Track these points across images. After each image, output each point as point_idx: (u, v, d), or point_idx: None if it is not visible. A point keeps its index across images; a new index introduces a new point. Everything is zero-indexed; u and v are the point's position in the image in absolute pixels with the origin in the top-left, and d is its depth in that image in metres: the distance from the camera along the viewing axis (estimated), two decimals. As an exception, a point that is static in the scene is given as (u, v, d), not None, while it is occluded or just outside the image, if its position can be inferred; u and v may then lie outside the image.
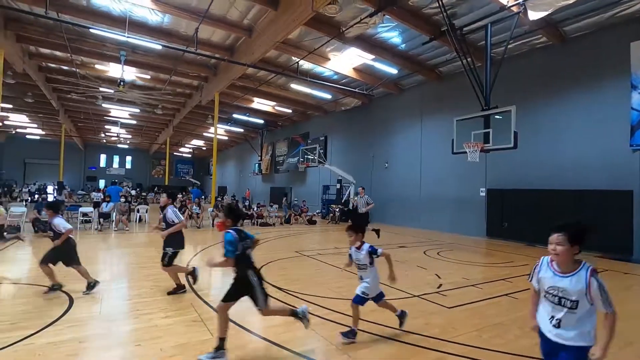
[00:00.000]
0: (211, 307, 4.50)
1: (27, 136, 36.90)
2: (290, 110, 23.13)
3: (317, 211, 20.60)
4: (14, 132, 34.87)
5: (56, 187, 27.23)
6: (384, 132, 17.85)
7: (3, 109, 27.10)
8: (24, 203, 19.96)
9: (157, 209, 8.91)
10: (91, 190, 25.79)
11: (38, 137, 37.24)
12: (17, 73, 16.22)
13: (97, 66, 16.60)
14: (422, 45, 11.96)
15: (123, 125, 31.29)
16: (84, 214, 12.51)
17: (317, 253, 8.93)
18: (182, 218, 5.40)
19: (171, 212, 5.25)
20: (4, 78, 14.11)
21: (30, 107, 23.94)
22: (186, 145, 41.53)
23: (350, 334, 3.56)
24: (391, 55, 13.28)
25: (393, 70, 14.57)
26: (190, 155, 48.04)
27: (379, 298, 3.71)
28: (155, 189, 36.95)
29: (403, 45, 12.86)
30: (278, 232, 13.05)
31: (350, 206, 15.67)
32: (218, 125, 17.38)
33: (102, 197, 13.80)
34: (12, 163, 37.44)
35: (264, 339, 3.64)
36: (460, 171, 13.51)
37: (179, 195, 18.07)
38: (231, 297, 3.21)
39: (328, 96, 19.13)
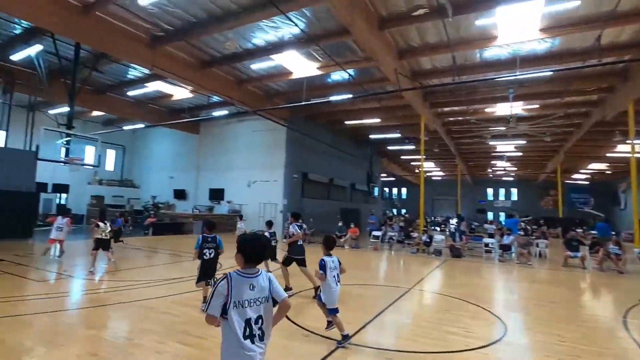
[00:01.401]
0: None
1: (433, 178, 46.81)
2: None
3: None
4: (424, 175, 45.64)
5: (456, 219, 31.97)
6: None
7: (418, 160, 36.46)
8: (438, 229, 24.99)
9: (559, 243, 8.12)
10: (482, 223, 28.12)
11: (440, 178, 46.31)
12: (429, 131, 21.32)
13: (486, 110, 18.41)
14: None
15: (508, 159, 32.10)
16: (486, 245, 13.71)
17: None
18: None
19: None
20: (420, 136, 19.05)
21: (436, 155, 30.35)
22: (581, 171, 35.66)
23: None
24: None
25: None
26: (587, 182, 40.64)
27: None
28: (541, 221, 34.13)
29: None
30: None
31: None
32: (635, 142, 13.55)
33: (495, 229, 14.64)
34: (425, 200, 48.82)
35: None
36: None
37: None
38: None
39: None
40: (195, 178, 24.70)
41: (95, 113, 22.08)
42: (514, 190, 47.61)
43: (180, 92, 18.13)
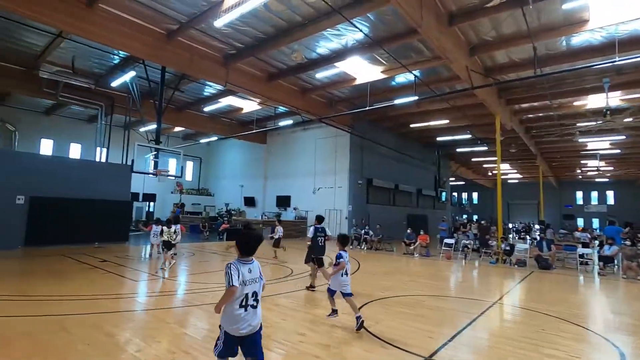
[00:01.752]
0: None
1: (509, 181, 43.00)
2: None
3: None
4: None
5: (539, 226, 28.89)
6: None
7: (491, 162, 33.76)
8: (528, 240, 22.80)
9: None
10: (572, 229, 24.93)
11: (517, 181, 42.35)
12: (505, 131, 19.62)
13: (574, 103, 16.40)
14: None
15: (602, 157, 28.17)
16: (581, 255, 12.07)
17: None
18: None
19: None
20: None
21: (512, 155, 27.81)
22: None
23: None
24: None
25: None
26: None
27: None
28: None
29: None
30: None
31: None
32: None
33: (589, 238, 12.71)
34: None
35: None
36: None
37: None
38: None
39: None
40: (263, 186, 25.86)
41: (177, 129, 24.41)
42: (610, 193, 41.61)
43: (250, 105, 19.22)
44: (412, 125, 21.94)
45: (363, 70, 14.02)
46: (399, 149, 23.87)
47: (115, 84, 15.28)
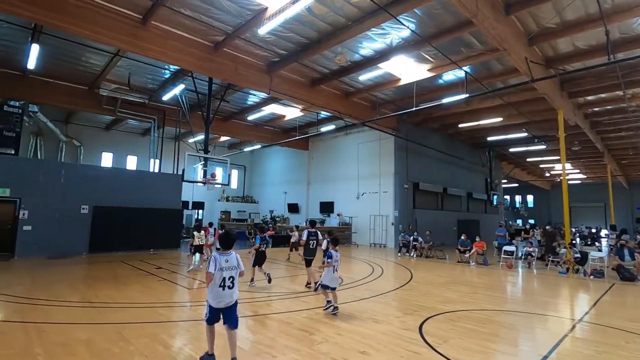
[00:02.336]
0: None
1: (570, 182, 39.43)
2: None
3: None
4: (559, 179, 38.69)
5: (610, 231, 26.02)
6: None
7: (550, 162, 31.14)
8: (603, 247, 20.60)
9: None
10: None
11: (579, 182, 38.71)
12: (567, 127, 17.89)
13: (652, 92, 14.54)
14: None
15: (685, 153, 24.84)
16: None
17: None
18: None
19: None
20: (556, 134, 16.04)
21: (575, 154, 25.39)
22: None
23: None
24: None
25: None
26: None
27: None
28: None
29: None
30: None
31: None
32: None
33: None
34: (559, 208, 41.35)
35: None
36: None
37: None
38: None
39: None
40: (306, 192, 25.83)
41: (222, 138, 25.19)
42: (695, 194, 36.64)
43: (292, 112, 19.29)
44: (460, 125, 20.77)
45: (408, 70, 13.45)
46: (446, 150, 22.71)
47: (166, 97, 16.02)
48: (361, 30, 10.28)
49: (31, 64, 12.09)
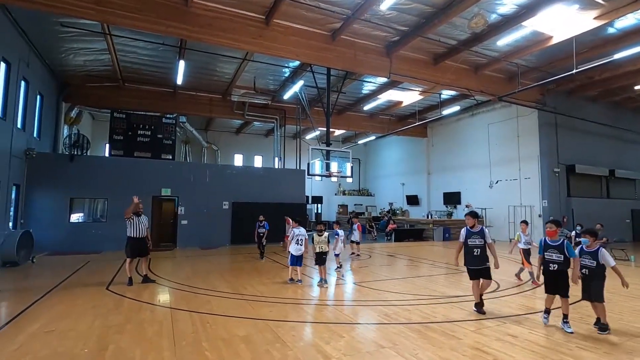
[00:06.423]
0: None
1: None
2: None
3: None
4: None
5: None
6: None
7: None
8: None
9: None
10: None
11: None
12: None
13: None
14: None
15: None
16: None
17: None
18: None
19: None
20: None
21: None
22: None
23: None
24: None
25: None
26: None
27: None
28: None
29: None
30: None
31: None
32: None
33: None
34: None
35: None
36: None
37: None
38: None
39: None
40: (427, 182, 23.97)
41: (336, 132, 25.29)
42: None
43: (410, 97, 17.91)
44: (636, 87, 16.03)
45: (565, 23, 10.74)
46: (611, 123, 17.98)
47: (286, 96, 16.61)
48: (505, -20, 8.44)
49: (179, 79, 13.84)
